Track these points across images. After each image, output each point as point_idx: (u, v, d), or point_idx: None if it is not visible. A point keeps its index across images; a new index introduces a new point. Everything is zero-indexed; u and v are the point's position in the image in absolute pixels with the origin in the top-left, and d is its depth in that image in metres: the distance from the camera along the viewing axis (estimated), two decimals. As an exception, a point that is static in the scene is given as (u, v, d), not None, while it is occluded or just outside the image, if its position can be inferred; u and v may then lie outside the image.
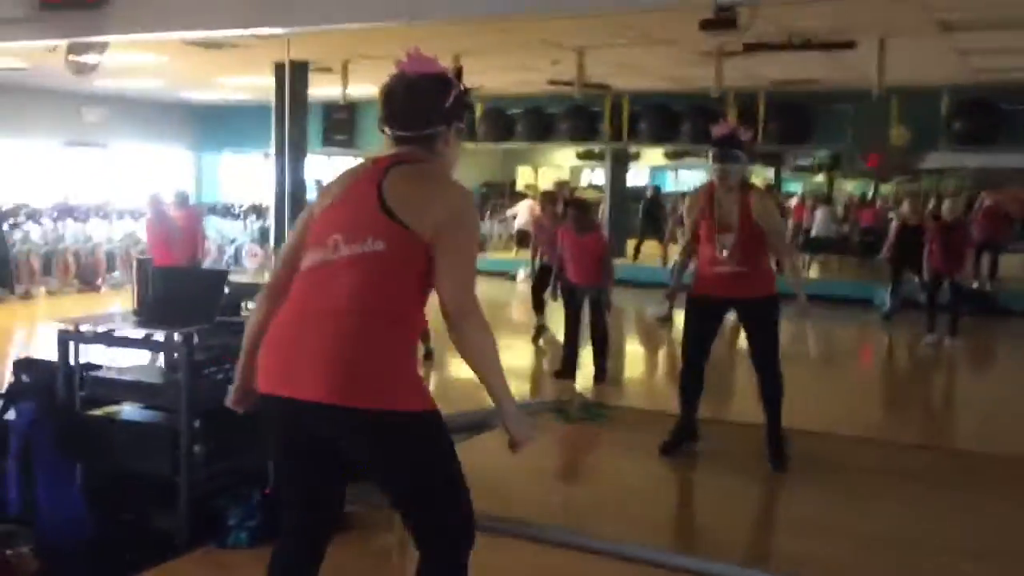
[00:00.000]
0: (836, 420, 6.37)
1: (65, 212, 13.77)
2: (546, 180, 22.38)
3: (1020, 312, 12.04)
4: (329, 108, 15.16)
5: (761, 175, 23.84)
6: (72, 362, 3.71)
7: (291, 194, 11.59)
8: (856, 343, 11.35)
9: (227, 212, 16.66)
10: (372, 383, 2.23)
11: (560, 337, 7.77)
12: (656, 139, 14.06)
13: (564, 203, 8.97)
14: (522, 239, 15.61)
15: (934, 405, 8.13)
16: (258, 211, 16.04)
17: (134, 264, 4.08)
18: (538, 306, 9.04)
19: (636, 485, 4.96)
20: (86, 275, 13.01)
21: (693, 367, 5.18)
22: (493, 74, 12.14)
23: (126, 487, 3.69)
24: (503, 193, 21.93)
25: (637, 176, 21.52)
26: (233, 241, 15.26)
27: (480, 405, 6.11)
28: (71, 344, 3.69)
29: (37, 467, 3.57)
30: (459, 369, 7.89)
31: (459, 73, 2.54)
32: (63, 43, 4.62)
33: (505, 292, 13.25)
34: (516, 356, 8.63)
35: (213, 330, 3.74)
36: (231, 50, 10.45)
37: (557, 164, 24.35)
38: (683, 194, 12.89)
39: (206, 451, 3.68)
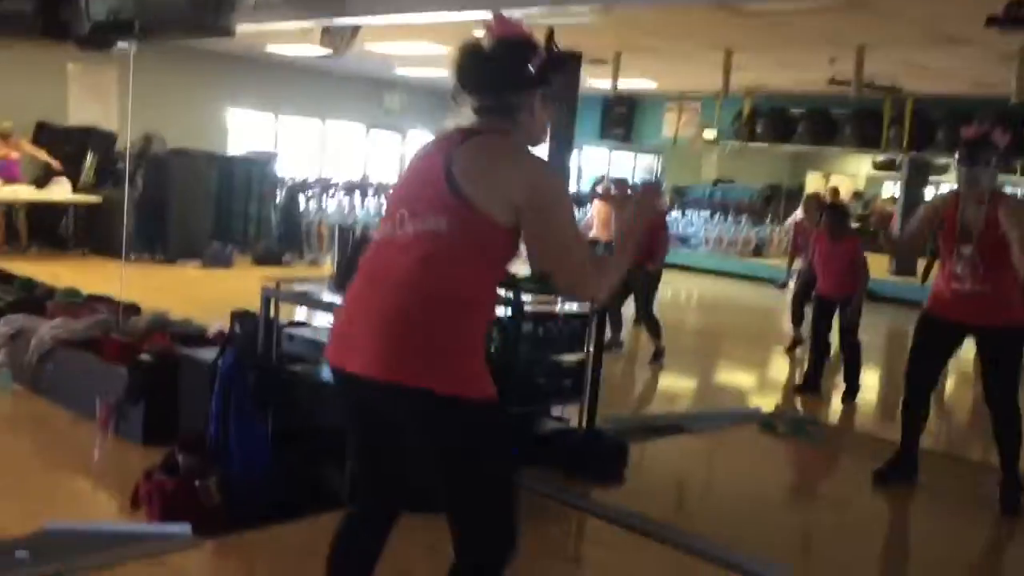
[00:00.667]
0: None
1: (356, 188, 14.92)
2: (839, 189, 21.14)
3: None
4: (609, 101, 15.27)
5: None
6: (272, 318, 4.01)
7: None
8: None
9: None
10: (422, 361, 2.13)
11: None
12: (953, 150, 12.80)
13: (823, 208, 8.44)
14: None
15: None
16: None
17: (336, 232, 4.33)
18: (796, 317, 8.56)
19: (831, 516, 4.58)
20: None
21: (915, 393, 4.69)
22: (769, 70, 11.68)
23: (308, 440, 3.93)
24: (789, 198, 20.97)
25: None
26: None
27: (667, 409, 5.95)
28: (271, 301, 4.00)
29: (233, 410, 3.91)
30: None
31: (550, 36, 2.35)
32: (313, 26, 4.97)
33: (773, 299, 12.73)
34: (771, 368, 8.31)
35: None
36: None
37: (851, 172, 22.93)
38: None
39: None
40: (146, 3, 5.08)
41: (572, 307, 4.53)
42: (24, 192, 11.62)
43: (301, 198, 13.88)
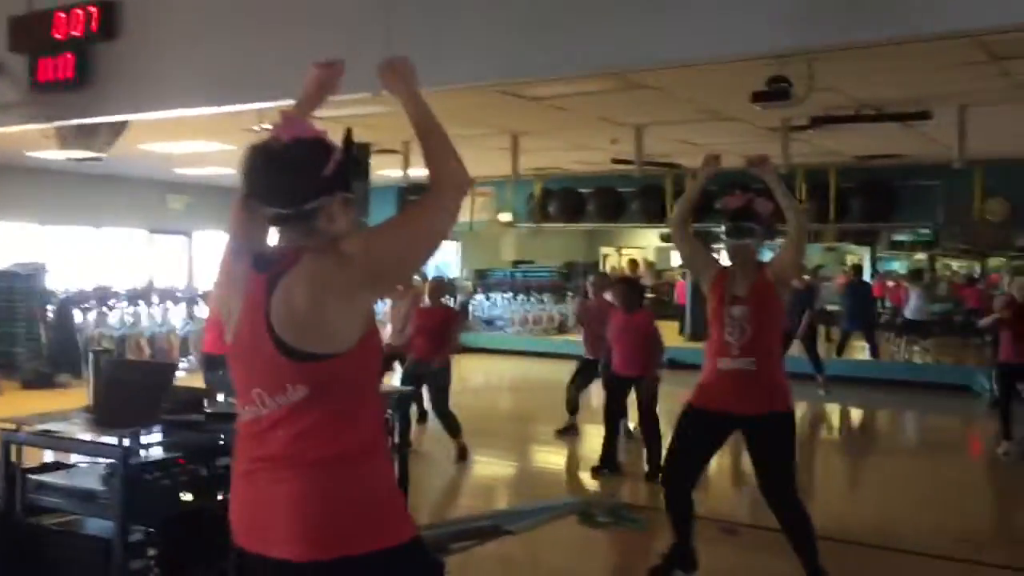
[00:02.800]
0: (902, 529, 5.67)
1: (139, 297, 13.97)
2: (629, 260, 21.95)
3: None
4: (403, 190, 15.15)
5: (855, 254, 22.93)
6: (14, 465, 3.44)
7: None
8: (941, 436, 10.43)
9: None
10: (352, 528, 2.02)
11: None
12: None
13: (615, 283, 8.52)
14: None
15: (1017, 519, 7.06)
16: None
17: (91, 357, 3.82)
18: (572, 404, 8.40)
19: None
20: (159, 359, 13.07)
21: (676, 488, 4.47)
22: (556, 153, 11.94)
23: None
24: (586, 274, 21.56)
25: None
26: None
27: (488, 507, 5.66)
28: (12, 446, 3.43)
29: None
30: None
31: (348, 135, 2.11)
32: (52, 126, 4.51)
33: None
34: (580, 447, 8.19)
35: (168, 430, 3.46)
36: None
37: (641, 245, 23.93)
38: None
39: (150, 566, 3.33)
40: None
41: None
42: None
43: (76, 312, 12.79)
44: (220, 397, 3.90)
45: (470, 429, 7.63)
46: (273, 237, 2.16)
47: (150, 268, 15.70)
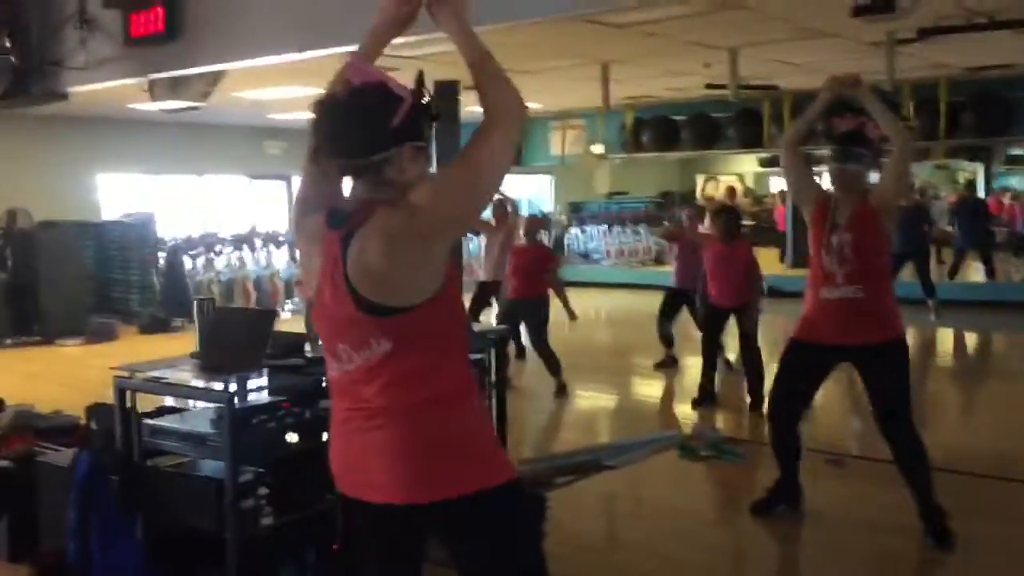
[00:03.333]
0: (1009, 458, 5.48)
1: (243, 241, 14.35)
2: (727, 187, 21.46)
3: None
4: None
5: (968, 171, 21.87)
6: (130, 410, 3.59)
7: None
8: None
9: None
10: (445, 472, 2.06)
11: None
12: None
13: (712, 211, 8.31)
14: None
15: None
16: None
17: (195, 305, 3.93)
18: (666, 337, 8.32)
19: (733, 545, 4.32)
20: (264, 302, 13.48)
21: (783, 423, 4.37)
22: (647, 81, 11.65)
23: (183, 541, 3.52)
24: (682, 203, 21.22)
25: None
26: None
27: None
28: (126, 393, 3.58)
29: (93, 518, 3.47)
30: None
31: (420, 79, 2.05)
32: (147, 79, 4.59)
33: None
34: (677, 381, 8.13)
35: (272, 374, 3.55)
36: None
37: (739, 172, 23.35)
38: None
39: (260, 504, 3.44)
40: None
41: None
42: None
43: (186, 259, 13.25)
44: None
45: (568, 364, 7.63)
46: (347, 189, 2.14)
47: (252, 213, 16.11)
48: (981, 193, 17.08)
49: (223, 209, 16.15)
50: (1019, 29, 8.04)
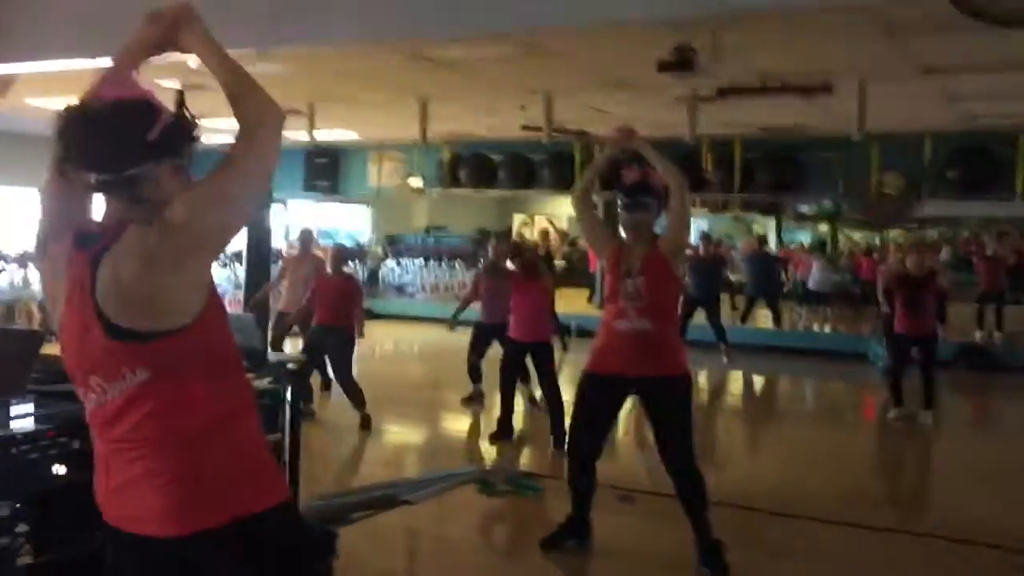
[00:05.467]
0: (798, 494, 5.82)
1: (31, 259, 13.39)
2: (541, 229, 22.01)
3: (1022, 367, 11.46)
4: (310, 152, 14.84)
5: (761, 224, 23.42)
6: None
7: (256, 240, 11.21)
8: (838, 402, 10.79)
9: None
10: (212, 500, 1.96)
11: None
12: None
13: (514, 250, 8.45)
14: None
15: (905, 482, 7.29)
16: (239, 258, 15.71)
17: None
18: (475, 372, 8.39)
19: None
20: (52, 324, 12.56)
21: (580, 459, 4.47)
22: (466, 118, 11.82)
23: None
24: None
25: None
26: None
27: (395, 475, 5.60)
28: None
29: None
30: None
31: (181, 98, 1.97)
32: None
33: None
34: (451, 421, 8.15)
35: (39, 401, 3.27)
36: (196, 91, 10.18)
37: (553, 213, 24.01)
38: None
39: (17, 542, 3.15)
40: None
41: (262, 383, 4.08)
42: None
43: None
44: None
45: (376, 396, 7.53)
46: (98, 210, 1.99)
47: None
48: (772, 246, 18.29)
49: (8, 224, 15.02)
50: (808, 95, 8.72)
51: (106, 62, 2.73)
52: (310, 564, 2.29)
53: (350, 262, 8.37)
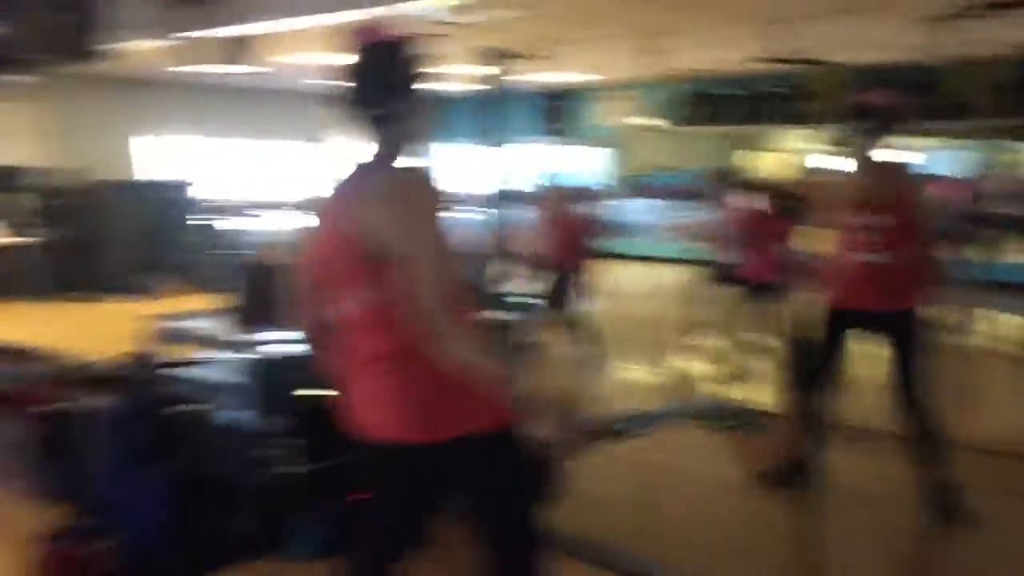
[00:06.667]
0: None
1: (289, 206, 14.53)
2: (772, 167, 21.13)
3: None
4: (543, 96, 15.07)
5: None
6: (163, 357, 3.72)
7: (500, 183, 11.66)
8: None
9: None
10: (446, 414, 2.17)
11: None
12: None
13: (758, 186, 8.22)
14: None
15: None
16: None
17: (232, 261, 4.04)
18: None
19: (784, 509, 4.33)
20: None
21: (810, 395, 4.37)
22: (695, 52, 11.53)
23: (209, 489, 3.64)
24: (728, 178, 20.93)
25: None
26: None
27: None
28: (160, 342, 3.71)
29: (122, 465, 3.60)
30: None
31: (418, 39, 2.22)
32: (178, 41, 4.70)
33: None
34: (678, 359, 8.08)
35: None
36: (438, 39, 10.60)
37: (789, 148, 22.95)
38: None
39: (284, 454, 3.55)
40: (15, 36, 4.77)
41: (493, 318, 4.29)
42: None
43: (234, 220, 13.49)
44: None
45: (607, 334, 7.64)
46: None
47: (306, 178, 16.30)
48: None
49: (276, 173, 16.38)
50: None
51: (343, 16, 2.90)
52: (535, 487, 2.46)
53: (582, 202, 8.48)
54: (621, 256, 16.14)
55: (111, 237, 11.88)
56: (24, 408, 4.51)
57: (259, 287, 3.78)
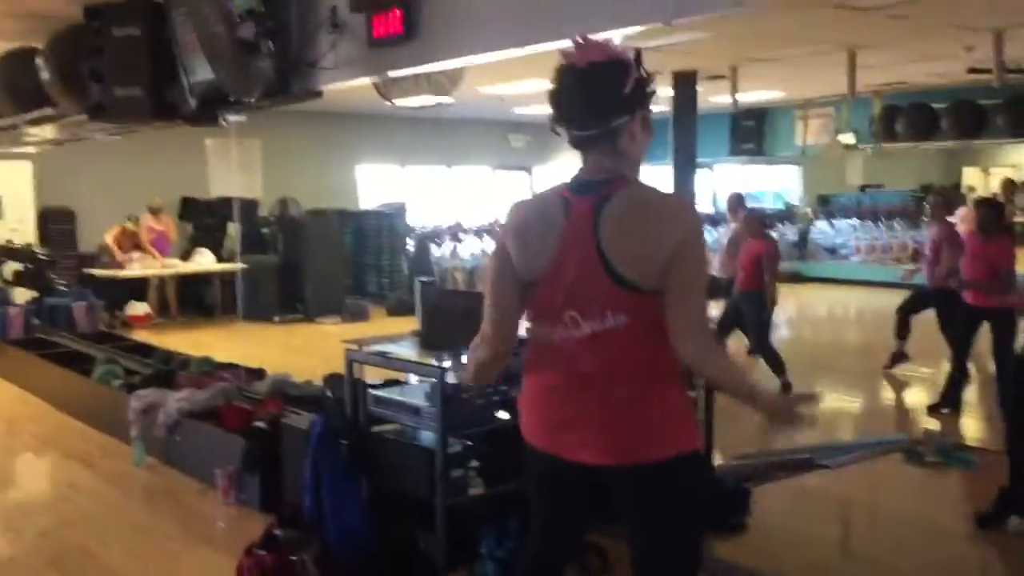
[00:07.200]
0: None
1: (488, 231, 14.97)
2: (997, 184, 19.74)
3: None
4: (735, 116, 14.78)
5: None
6: (357, 380, 3.94)
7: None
8: None
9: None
10: (650, 438, 2.18)
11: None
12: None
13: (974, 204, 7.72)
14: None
15: None
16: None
17: (417, 287, 4.22)
18: (902, 329, 7.86)
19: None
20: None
21: (1019, 425, 4.08)
22: (899, 67, 10.99)
23: (400, 505, 3.81)
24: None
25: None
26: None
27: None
28: (354, 364, 3.92)
29: (324, 478, 3.84)
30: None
31: (638, 56, 2.17)
32: (386, 77, 4.96)
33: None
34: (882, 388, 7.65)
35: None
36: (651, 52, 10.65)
37: (1011, 163, 21.39)
38: None
39: (469, 475, 3.68)
40: (235, 78, 5.19)
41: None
42: (177, 265, 12.23)
43: (432, 246, 14.04)
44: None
45: (803, 361, 7.38)
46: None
47: (496, 203, 16.77)
48: None
49: (469, 199, 16.92)
50: None
51: (534, 49, 2.98)
52: (722, 516, 2.47)
53: (775, 225, 8.25)
54: (815, 279, 15.60)
55: (320, 263, 12.61)
56: (248, 424, 4.89)
57: (440, 311, 3.94)
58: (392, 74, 4.78)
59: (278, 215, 13.24)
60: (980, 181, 21.34)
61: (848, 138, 13.67)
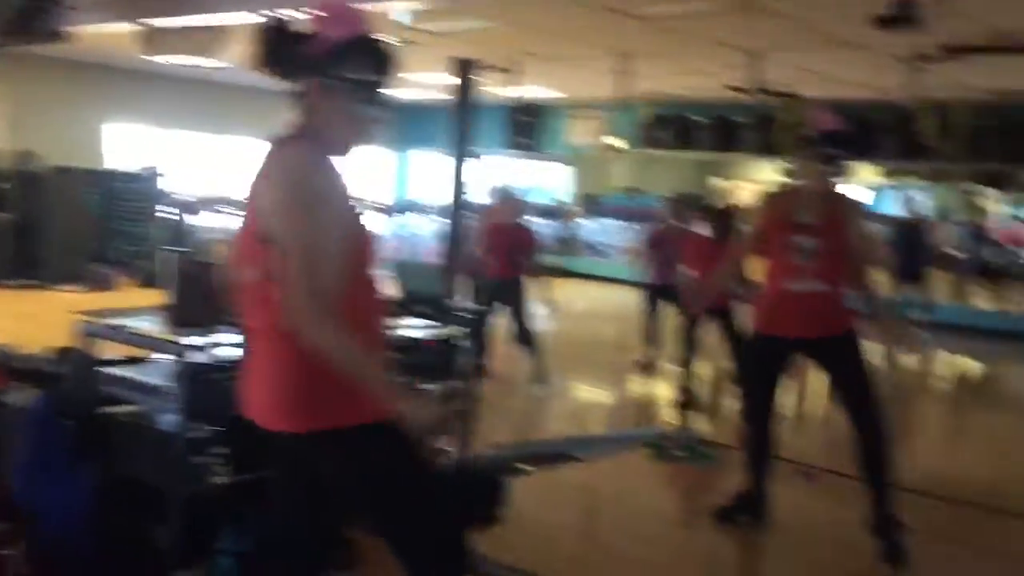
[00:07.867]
0: (1004, 491, 5.38)
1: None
2: (742, 196, 21.23)
3: None
4: (512, 110, 14.99)
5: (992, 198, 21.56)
6: (87, 354, 3.56)
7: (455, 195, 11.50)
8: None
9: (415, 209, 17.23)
10: (302, 405, 2.11)
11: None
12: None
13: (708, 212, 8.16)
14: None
15: None
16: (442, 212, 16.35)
17: (161, 257, 3.88)
18: (650, 335, 8.18)
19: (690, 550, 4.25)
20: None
21: (757, 423, 4.27)
22: (669, 77, 11.56)
23: (132, 495, 3.47)
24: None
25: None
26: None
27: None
28: (91, 338, 3.54)
29: (44, 459, 3.43)
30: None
31: (362, 20, 2.12)
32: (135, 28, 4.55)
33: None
34: (632, 383, 8.01)
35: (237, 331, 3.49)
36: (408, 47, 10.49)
37: (757, 178, 23.11)
38: None
39: (212, 462, 3.39)
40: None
41: (441, 332, 4.17)
42: None
43: (188, 216, 13.24)
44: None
45: (562, 354, 7.53)
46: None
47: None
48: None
49: (238, 170, 16.14)
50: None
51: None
52: (478, 508, 2.42)
53: (540, 218, 8.37)
54: (578, 275, 16.16)
55: (63, 225, 11.59)
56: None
57: (193, 286, 3.62)
58: (147, 23, 4.37)
59: (17, 169, 12.01)
60: (738, 192, 22.85)
61: (616, 141, 14.23)
